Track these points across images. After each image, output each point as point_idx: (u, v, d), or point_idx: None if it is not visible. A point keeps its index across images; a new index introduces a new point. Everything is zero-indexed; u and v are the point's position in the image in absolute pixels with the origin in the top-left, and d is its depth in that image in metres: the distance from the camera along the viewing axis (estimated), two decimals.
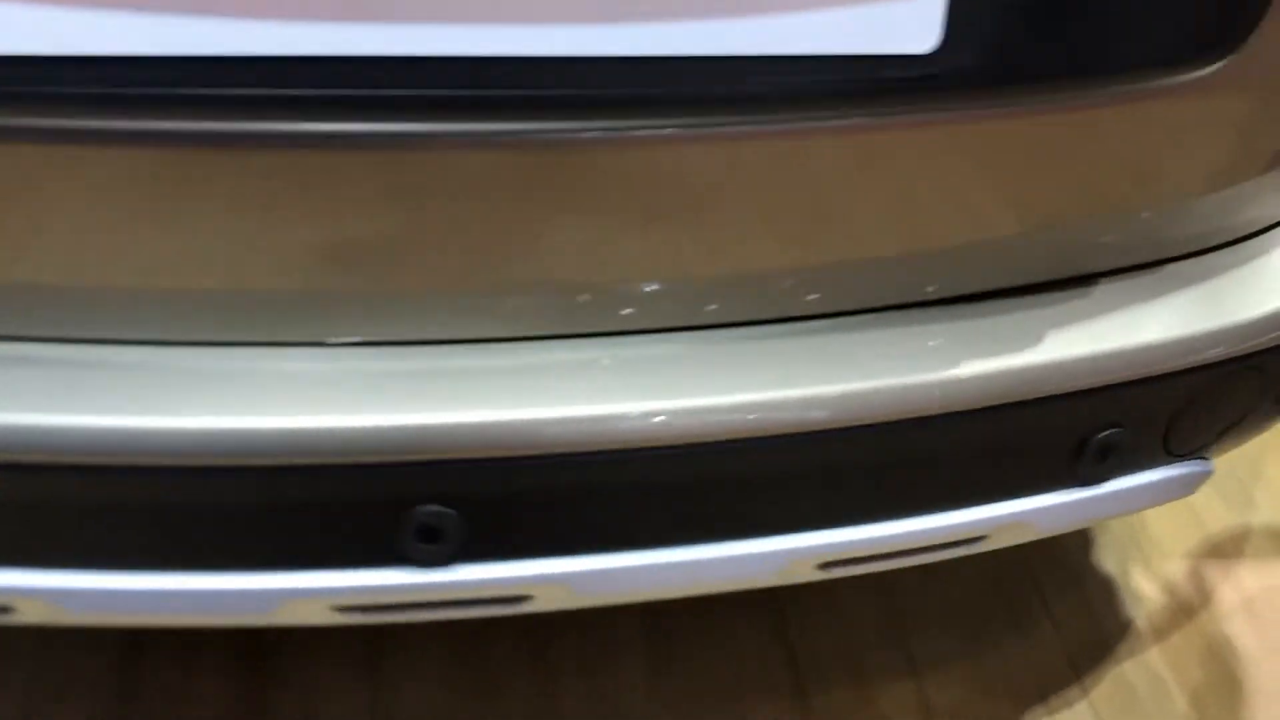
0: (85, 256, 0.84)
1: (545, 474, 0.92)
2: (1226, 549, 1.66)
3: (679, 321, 0.95)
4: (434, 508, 0.90)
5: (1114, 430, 1.02)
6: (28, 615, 0.93)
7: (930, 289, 0.99)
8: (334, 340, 0.91)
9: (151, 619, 0.99)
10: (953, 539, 1.04)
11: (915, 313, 1.00)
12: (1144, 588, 1.59)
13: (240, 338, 0.90)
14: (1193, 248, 1.07)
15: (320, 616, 0.97)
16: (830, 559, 1.02)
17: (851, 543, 1.01)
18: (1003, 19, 0.84)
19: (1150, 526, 1.68)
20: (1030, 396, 0.98)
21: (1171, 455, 1.09)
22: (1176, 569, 1.62)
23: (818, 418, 0.94)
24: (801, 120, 0.84)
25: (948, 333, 0.99)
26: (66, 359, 0.87)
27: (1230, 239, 1.08)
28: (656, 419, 0.91)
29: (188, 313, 0.89)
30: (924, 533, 1.03)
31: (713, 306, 0.95)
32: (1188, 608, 1.57)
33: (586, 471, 0.93)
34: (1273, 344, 1.07)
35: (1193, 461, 1.11)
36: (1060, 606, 1.56)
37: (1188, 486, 1.14)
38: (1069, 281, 1.03)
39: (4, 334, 0.87)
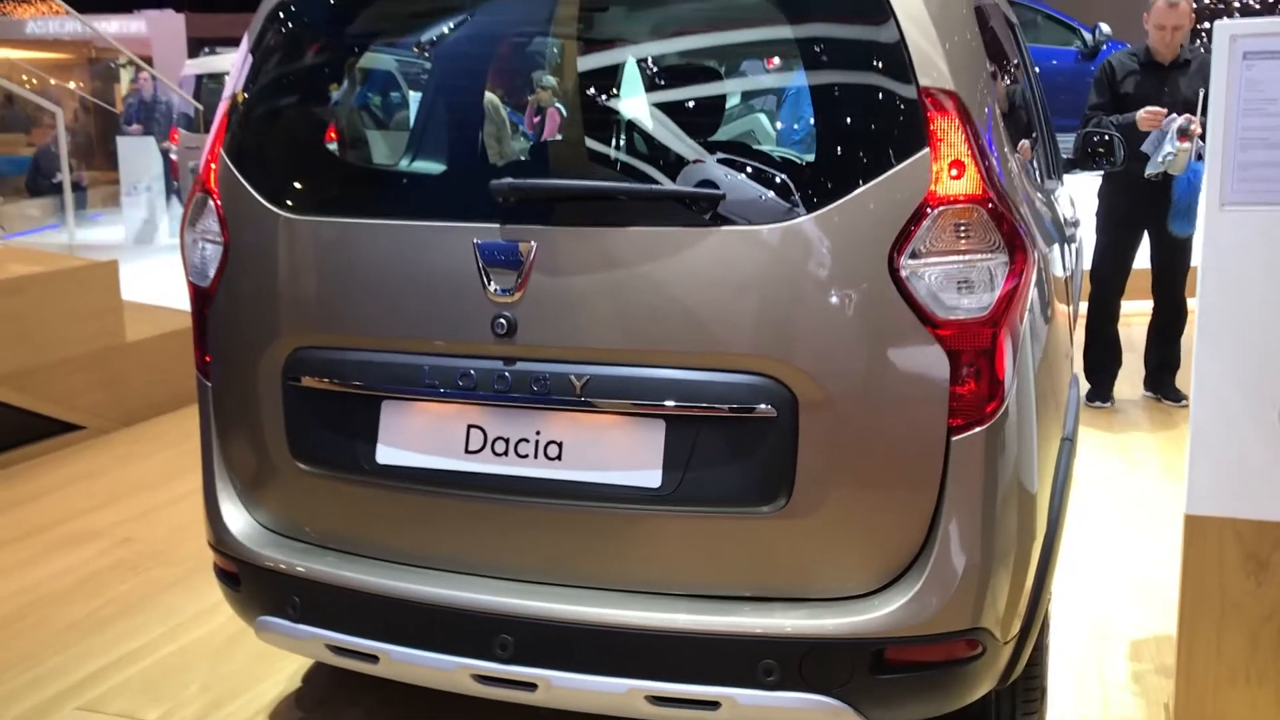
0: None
1: (547, 632, 2.28)
2: None
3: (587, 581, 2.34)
4: (504, 635, 2.34)
5: (769, 661, 2.20)
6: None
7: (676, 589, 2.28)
8: (480, 571, 2.40)
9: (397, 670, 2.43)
10: (703, 699, 2.21)
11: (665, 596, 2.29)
12: None
13: (455, 569, 2.44)
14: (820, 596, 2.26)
15: (464, 683, 2.42)
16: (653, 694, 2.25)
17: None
18: (687, 480, 2.23)
19: None
20: (724, 634, 2.20)
21: (810, 687, 2.19)
22: None
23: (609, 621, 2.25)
24: (603, 504, 2.24)
25: (698, 605, 2.27)
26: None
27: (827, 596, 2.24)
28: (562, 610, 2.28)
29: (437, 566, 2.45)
30: (686, 690, 2.21)
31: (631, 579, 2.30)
32: None
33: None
34: (829, 642, 2.17)
35: (826, 698, 2.19)
36: None
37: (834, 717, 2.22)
38: (754, 597, 2.25)
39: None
